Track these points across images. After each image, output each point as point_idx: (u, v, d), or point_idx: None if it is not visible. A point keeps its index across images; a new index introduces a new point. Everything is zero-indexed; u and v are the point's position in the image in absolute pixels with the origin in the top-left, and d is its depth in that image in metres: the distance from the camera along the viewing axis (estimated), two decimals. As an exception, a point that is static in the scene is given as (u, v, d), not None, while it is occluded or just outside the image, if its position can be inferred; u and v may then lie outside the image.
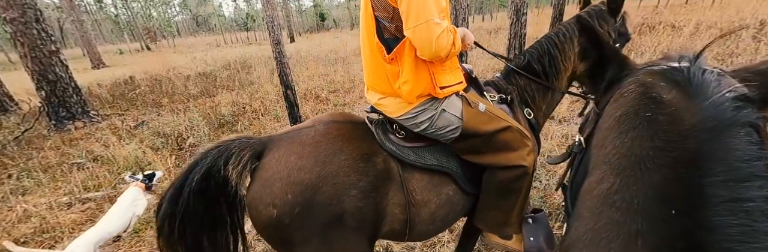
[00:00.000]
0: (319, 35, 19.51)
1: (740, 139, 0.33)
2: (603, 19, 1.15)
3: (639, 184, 0.35)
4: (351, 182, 0.86)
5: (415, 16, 0.79)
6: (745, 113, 0.34)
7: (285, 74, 2.64)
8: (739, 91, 0.37)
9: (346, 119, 1.00)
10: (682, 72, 0.40)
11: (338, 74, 5.60)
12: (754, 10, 5.27)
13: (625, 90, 0.45)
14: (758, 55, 3.57)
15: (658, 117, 0.38)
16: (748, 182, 0.30)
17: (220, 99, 4.76)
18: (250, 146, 0.88)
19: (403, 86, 0.89)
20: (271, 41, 2.46)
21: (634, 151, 0.38)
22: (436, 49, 0.81)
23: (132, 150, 2.76)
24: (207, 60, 9.40)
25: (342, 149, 0.88)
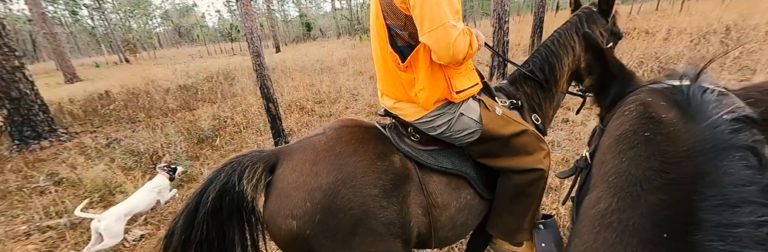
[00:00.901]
0: (306, 45, 19.62)
1: (735, 163, 0.33)
2: (595, 20, 1.18)
3: (635, 205, 0.35)
4: (370, 182, 0.84)
5: (429, 20, 0.78)
6: (742, 136, 0.34)
7: (266, 86, 2.58)
8: (738, 113, 0.36)
9: (356, 124, 1.00)
10: (683, 91, 0.40)
11: (324, 84, 5.56)
12: (718, 16, 5.61)
13: (627, 108, 0.45)
14: (727, 58, 3.76)
15: (656, 137, 0.38)
16: (739, 208, 0.30)
17: (200, 113, 4.63)
18: (263, 159, 0.87)
19: (420, 93, 0.89)
20: (251, 53, 2.42)
21: (632, 172, 0.38)
22: (453, 53, 0.80)
23: (100, 171, 2.60)
24: (189, 72, 9.22)
25: (356, 150, 0.88)
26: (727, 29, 4.81)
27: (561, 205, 1.79)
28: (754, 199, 0.30)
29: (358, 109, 4.28)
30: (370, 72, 6.43)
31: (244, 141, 3.42)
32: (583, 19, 1.17)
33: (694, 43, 4.46)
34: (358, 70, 6.90)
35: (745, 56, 3.78)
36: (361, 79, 6.14)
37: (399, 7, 0.83)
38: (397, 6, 0.83)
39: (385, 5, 0.86)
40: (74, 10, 17.87)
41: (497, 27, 4.87)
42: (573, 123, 2.97)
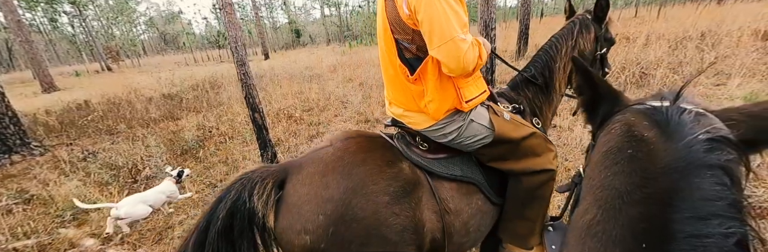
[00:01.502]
0: (295, 51, 19.62)
1: (707, 180, 0.35)
2: (589, 27, 1.23)
3: (617, 217, 0.38)
4: (381, 189, 0.84)
5: (439, 35, 0.78)
6: (715, 155, 0.37)
7: (252, 96, 2.54)
8: (713, 133, 0.38)
9: (361, 134, 1.01)
10: (662, 112, 0.43)
11: (313, 92, 5.54)
12: (693, 22, 5.89)
13: (613, 127, 0.48)
14: (703, 63, 3.92)
15: (637, 154, 0.41)
16: (709, 220, 0.33)
17: (184, 123, 4.52)
18: (272, 174, 0.87)
19: (430, 105, 0.91)
20: (236, 62, 2.38)
21: (615, 186, 0.41)
22: (464, 65, 0.81)
23: (74, 187, 2.48)
24: (173, 80, 9.05)
25: (365, 159, 0.88)
26: (702, 35, 5.04)
27: None
28: (722, 212, 0.33)
29: (347, 116, 4.25)
30: (360, 79, 6.45)
31: (230, 152, 3.34)
32: (579, 25, 1.22)
33: (672, 48, 4.65)
34: (347, 77, 6.91)
35: (720, 61, 3.96)
36: (351, 86, 6.14)
37: (406, 22, 0.83)
38: (405, 21, 0.84)
39: (392, 19, 0.86)
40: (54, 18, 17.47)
41: (484, 34, 4.98)
42: (560, 128, 3.02)
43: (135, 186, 2.74)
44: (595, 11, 1.23)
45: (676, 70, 3.83)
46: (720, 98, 3.08)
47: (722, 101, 3.01)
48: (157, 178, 2.82)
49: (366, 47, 14.81)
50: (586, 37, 1.22)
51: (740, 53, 3.98)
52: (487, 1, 4.85)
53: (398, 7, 0.83)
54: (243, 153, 3.26)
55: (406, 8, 0.81)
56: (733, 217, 0.33)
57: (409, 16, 0.81)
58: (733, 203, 0.34)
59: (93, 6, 19.61)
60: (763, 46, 4.17)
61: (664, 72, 3.72)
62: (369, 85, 5.75)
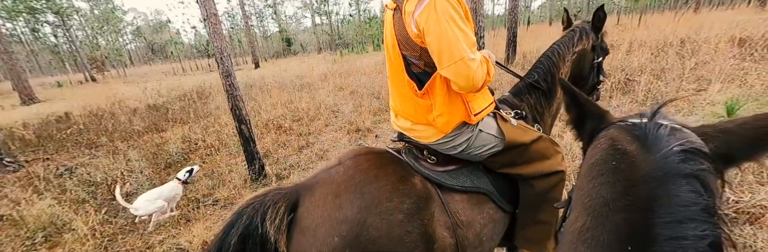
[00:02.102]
0: (286, 60, 19.67)
1: (682, 188, 0.39)
2: (588, 35, 1.29)
3: (604, 223, 0.42)
4: (395, 207, 0.84)
5: (448, 56, 0.79)
6: (688, 165, 0.40)
7: (238, 108, 2.50)
8: (686, 146, 0.42)
9: (369, 151, 1.01)
10: (642, 128, 0.48)
11: (303, 101, 5.51)
12: (673, 30, 6.15)
13: (599, 142, 0.52)
14: (685, 69, 4.06)
15: (621, 165, 0.45)
16: (685, 224, 0.37)
17: (169, 135, 4.42)
18: (284, 197, 0.86)
19: (439, 119, 0.91)
20: (221, 73, 2.35)
21: (602, 195, 0.44)
22: (473, 83, 0.82)
23: (47, 206, 2.36)
24: (160, 90, 8.92)
25: (377, 176, 0.88)
26: (682, 42, 5.25)
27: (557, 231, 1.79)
28: (696, 216, 0.37)
29: (338, 126, 4.23)
30: (351, 87, 6.46)
31: (216, 164, 3.26)
32: (579, 33, 1.27)
33: (654, 55, 4.82)
34: (338, 86, 6.92)
35: (700, 67, 4.11)
36: (342, 94, 6.14)
37: (415, 40, 0.84)
38: (413, 39, 0.84)
39: (399, 36, 0.87)
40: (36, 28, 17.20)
41: (472, 42, 5.09)
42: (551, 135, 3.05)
43: (114, 203, 2.63)
44: (594, 21, 1.29)
45: (659, 77, 3.96)
46: (702, 103, 3.18)
47: (704, 106, 3.11)
48: (136, 195, 2.72)
49: (357, 55, 14.95)
50: (586, 46, 1.27)
51: (719, 59, 4.14)
52: (474, 9, 4.98)
53: (406, 25, 0.83)
54: (229, 166, 3.18)
55: (414, 28, 0.81)
56: (706, 221, 0.37)
57: (417, 34, 0.82)
58: (705, 208, 0.37)
59: (78, 16, 19.42)
60: (739, 53, 4.36)
61: (648, 78, 3.84)
62: (360, 93, 5.76)
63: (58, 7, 16.09)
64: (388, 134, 3.74)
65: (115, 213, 2.47)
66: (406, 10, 0.81)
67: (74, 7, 18.95)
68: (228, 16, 25.57)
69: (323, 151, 3.41)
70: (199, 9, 2.14)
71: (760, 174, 1.91)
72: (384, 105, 4.90)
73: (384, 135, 3.75)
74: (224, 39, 2.29)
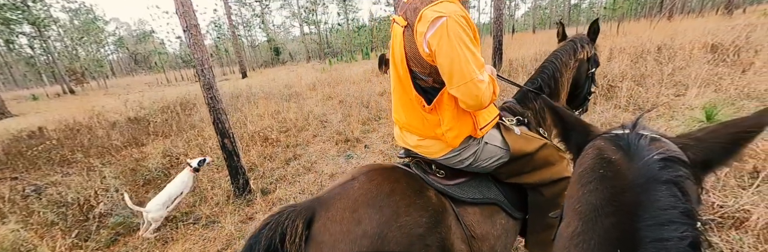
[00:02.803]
0: (274, 69, 19.62)
1: (662, 193, 0.42)
2: (585, 47, 1.37)
3: (594, 228, 0.44)
4: (414, 221, 0.84)
5: (458, 76, 0.82)
6: (667, 172, 0.44)
7: (221, 121, 2.44)
8: (665, 154, 0.46)
9: (380, 166, 1.02)
10: (624, 138, 0.52)
11: (291, 111, 5.46)
12: (649, 37, 6.45)
13: (586, 152, 0.56)
14: (663, 74, 4.23)
15: (607, 173, 0.48)
16: (667, 226, 0.40)
17: (150, 149, 4.27)
18: (300, 214, 0.85)
19: (448, 133, 0.93)
20: (203, 86, 2.31)
21: (591, 201, 0.47)
22: (480, 102, 0.86)
23: (10, 231, 2.21)
24: (143, 102, 8.70)
25: (393, 190, 0.89)
26: (659, 49, 5.49)
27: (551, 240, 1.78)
28: (676, 219, 0.40)
29: (326, 136, 4.18)
30: (340, 96, 6.46)
31: (199, 180, 3.14)
32: (578, 44, 1.36)
33: (633, 61, 5.02)
34: (327, 95, 6.90)
35: (677, 72, 4.29)
36: (330, 104, 6.12)
37: (425, 59, 0.86)
38: (424, 58, 0.86)
39: (409, 53, 0.89)
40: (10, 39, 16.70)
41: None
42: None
43: (86, 224, 2.48)
44: (589, 33, 1.37)
45: (640, 82, 4.10)
46: (681, 108, 3.29)
47: (684, 111, 3.22)
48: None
49: (346, 64, 15.06)
50: (589, 54, 1.36)
51: (694, 65, 4.34)
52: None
53: (418, 44, 0.85)
54: (212, 181, 3.08)
55: (426, 48, 0.83)
56: (685, 223, 0.40)
57: (428, 54, 0.84)
58: (684, 211, 0.41)
59: (56, 26, 19.01)
60: (712, 58, 4.59)
61: (629, 84, 3.97)
62: (348, 102, 5.75)
63: (35, 17, 15.73)
64: (377, 144, 3.72)
65: (86, 236, 2.33)
66: (418, 30, 0.83)
67: (52, 18, 18.57)
68: (214, 26, 25.51)
69: (311, 163, 3.35)
70: (179, 20, 2.12)
71: (742, 178, 1.96)
72: (373, 114, 4.89)
73: (373, 145, 3.72)
74: (206, 50, 2.25)
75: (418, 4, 0.85)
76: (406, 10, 0.89)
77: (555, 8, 29.60)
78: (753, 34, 5.34)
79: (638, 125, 0.53)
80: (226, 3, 15.72)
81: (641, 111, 3.40)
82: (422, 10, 0.81)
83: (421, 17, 0.81)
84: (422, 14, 0.81)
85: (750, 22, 7.04)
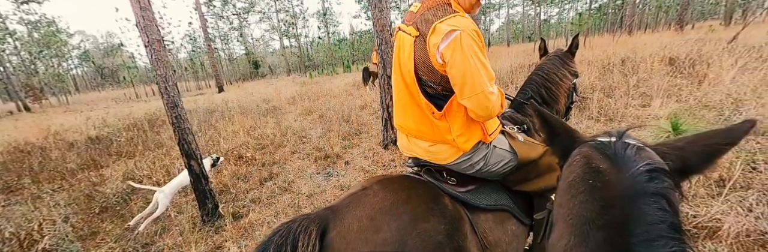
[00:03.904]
0: (253, 83, 19.32)
1: (651, 206, 0.43)
2: (567, 60, 1.45)
3: (587, 241, 0.44)
4: (433, 228, 0.83)
5: (470, 88, 0.85)
6: (654, 184, 0.45)
7: (187, 142, 2.30)
8: (651, 165, 0.47)
9: (391, 176, 1.01)
10: (610, 147, 0.53)
11: (269, 127, 5.31)
12: (613, 50, 6.95)
13: (574, 159, 0.56)
14: (629, 86, 4.51)
15: (597, 184, 0.48)
16: (657, 241, 0.40)
17: (110, 172, 3.97)
18: (313, 222, 0.82)
19: (458, 138, 0.96)
20: (166, 104, 2.18)
21: (582, 213, 0.47)
22: (489, 113, 0.90)
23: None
24: (107, 119, 8.23)
25: (410, 196, 0.88)
26: (623, 61, 5.90)
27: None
28: (665, 234, 0.41)
29: (306, 153, 4.07)
30: (320, 110, 6.39)
31: (163, 206, 2.91)
32: (563, 58, 1.45)
33: (601, 74, 5.34)
34: (307, 109, 6.81)
35: (642, 84, 4.59)
36: (310, 118, 6.03)
37: (437, 69, 0.89)
38: (436, 67, 0.89)
39: (419, 61, 0.91)
40: (-41, 54, 15.54)
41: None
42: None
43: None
44: (570, 47, 1.47)
45: (609, 94, 4.34)
46: (647, 118, 3.49)
47: (650, 120, 3.40)
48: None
49: (328, 77, 15.09)
50: (568, 66, 1.45)
51: (656, 77, 4.67)
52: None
53: (431, 55, 0.87)
54: (178, 206, 2.86)
55: (439, 58, 0.86)
56: (673, 237, 0.41)
57: (441, 64, 0.87)
58: (671, 225, 0.42)
59: (12, 39, 17.97)
60: (671, 70, 4.96)
61: (599, 96, 4.19)
62: (329, 117, 5.69)
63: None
64: (358, 160, 3.65)
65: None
66: (431, 41, 0.86)
67: (8, 31, 17.57)
68: (189, 39, 25.05)
69: (288, 183, 3.21)
70: (140, 35, 2.03)
71: (709, 186, 2.05)
72: (354, 128, 4.85)
73: (354, 161, 3.65)
74: (170, 66, 2.16)
75: (430, 17, 0.88)
76: (416, 21, 0.92)
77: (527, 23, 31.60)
78: (704, 48, 5.87)
79: (624, 134, 0.55)
80: (201, 16, 15.58)
81: (612, 121, 3.57)
82: (435, 23, 0.85)
83: (435, 30, 0.85)
84: (436, 27, 0.85)
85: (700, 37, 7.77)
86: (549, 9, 32.58)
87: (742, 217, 1.72)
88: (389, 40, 3.73)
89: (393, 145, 3.82)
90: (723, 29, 11.09)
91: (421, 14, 0.91)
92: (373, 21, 3.66)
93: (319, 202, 2.76)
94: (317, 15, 25.55)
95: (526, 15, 32.56)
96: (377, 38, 3.72)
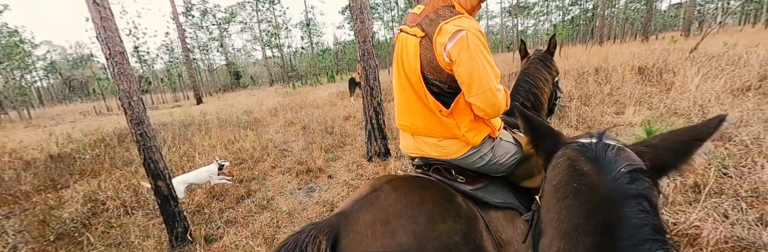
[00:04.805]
0: (234, 94, 18.90)
1: (634, 209, 0.44)
2: (549, 60, 1.49)
3: (577, 247, 0.45)
4: (451, 228, 0.82)
5: (477, 86, 0.88)
6: (636, 185, 0.46)
7: (153, 161, 2.15)
8: (631, 167, 0.48)
9: (401, 176, 0.99)
10: (592, 149, 0.53)
11: (248, 140, 5.13)
12: (587, 60, 7.31)
13: (558, 161, 0.57)
14: (603, 94, 4.71)
15: (582, 187, 0.49)
16: (642, 245, 0.41)
17: (70, 193, 3.67)
18: (323, 230, 0.79)
19: (468, 133, 0.99)
20: (130, 121, 2.04)
21: (570, 218, 0.48)
22: (496, 111, 0.92)
23: None
24: (73, 134, 7.74)
25: (423, 198, 0.86)
26: (597, 71, 6.19)
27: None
28: (649, 237, 0.41)
29: (287, 167, 3.93)
30: (303, 122, 6.27)
31: (126, 230, 2.69)
32: (544, 60, 1.48)
33: (577, 83, 5.56)
34: (289, 121, 6.68)
35: (615, 92, 4.81)
36: (293, 130, 5.90)
37: (444, 68, 0.91)
38: (442, 67, 0.91)
39: (425, 61, 0.94)
40: None
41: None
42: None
43: None
44: (549, 47, 1.52)
45: (585, 102, 4.50)
46: (622, 125, 3.62)
47: (625, 127, 3.53)
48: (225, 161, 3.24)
49: (311, 87, 14.99)
50: (549, 67, 1.50)
51: (627, 85, 4.91)
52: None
53: (437, 53, 0.90)
54: (145, 230, 2.65)
55: (446, 57, 0.89)
56: (657, 240, 0.42)
57: (448, 63, 0.90)
58: (654, 227, 0.43)
59: (-31, 51, 16.90)
60: (641, 79, 5.24)
61: (576, 104, 4.33)
62: (312, 128, 5.58)
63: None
64: (341, 174, 3.55)
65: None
66: (438, 41, 0.89)
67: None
68: (166, 49, 24.42)
69: (267, 200, 3.06)
70: (101, 47, 1.91)
71: (686, 193, 2.11)
72: (337, 140, 4.76)
73: (337, 175, 3.55)
74: (134, 80, 2.04)
75: (435, 18, 0.91)
76: (421, 22, 0.95)
77: (505, 34, 33.05)
78: (669, 57, 6.27)
79: (604, 135, 0.56)
80: (179, 26, 15.30)
81: (590, 129, 3.68)
82: (441, 24, 0.88)
83: (441, 30, 0.88)
84: (442, 28, 0.88)
85: (664, 47, 8.31)
86: (526, 20, 34.28)
87: (718, 223, 1.75)
88: (371, 51, 3.75)
89: (377, 158, 3.76)
90: (684, 40, 11.97)
91: (426, 16, 0.94)
92: (355, 32, 3.68)
93: (300, 220, 2.63)
94: (300, 25, 25.68)
95: (504, 26, 34.08)
96: (360, 49, 3.73)
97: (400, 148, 1.20)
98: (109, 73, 1.85)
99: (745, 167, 2.21)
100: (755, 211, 1.79)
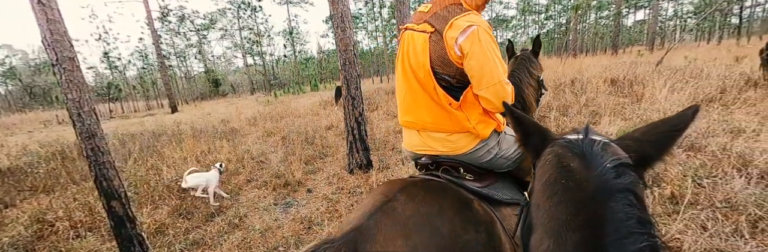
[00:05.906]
0: (212, 102, 18.29)
1: (620, 203, 0.45)
2: (533, 59, 1.49)
3: (566, 244, 0.46)
4: (472, 238, 0.80)
5: (487, 79, 0.92)
6: (621, 180, 0.47)
7: (107, 179, 1.94)
8: (616, 161, 0.49)
9: (410, 181, 0.96)
10: (578, 145, 0.54)
11: (223, 152, 4.88)
12: (563, 71, 7.61)
13: (546, 158, 0.57)
14: (580, 104, 4.86)
15: (569, 184, 0.50)
16: (628, 238, 0.43)
17: (16, 213, 3.29)
18: (340, 250, 0.72)
19: (477, 126, 1.01)
20: (79, 134, 1.83)
21: (558, 215, 0.49)
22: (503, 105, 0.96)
23: None
24: (29, 146, 7.12)
25: (442, 207, 0.84)
26: (572, 82, 6.44)
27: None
28: (634, 230, 0.43)
29: (263, 180, 3.73)
30: (283, 132, 6.07)
31: None
32: (528, 60, 1.49)
33: (555, 93, 5.74)
34: (268, 131, 6.46)
35: (590, 103, 4.98)
36: (272, 140, 5.69)
37: (455, 61, 0.94)
38: (453, 61, 0.94)
39: (435, 55, 0.96)
40: None
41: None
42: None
43: None
44: (534, 47, 1.55)
45: (563, 112, 4.63)
46: (601, 135, 3.71)
47: (604, 138, 3.62)
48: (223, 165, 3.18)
49: (294, 96, 14.75)
50: (535, 67, 1.52)
51: (601, 96, 5.10)
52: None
53: (448, 48, 0.93)
54: None
55: (458, 51, 0.92)
56: (643, 232, 0.42)
57: (459, 56, 0.93)
58: (639, 220, 0.43)
59: None
60: (613, 90, 5.48)
61: (555, 114, 4.44)
62: (291, 139, 5.40)
63: None
64: (321, 187, 3.40)
65: None
66: (448, 35, 0.92)
67: None
68: (140, 55, 23.48)
69: (239, 218, 2.86)
70: (48, 52, 1.73)
71: (664, 204, 2.13)
72: (318, 151, 4.61)
73: (317, 188, 3.40)
74: (85, 89, 1.86)
75: (445, 14, 0.95)
76: (429, 19, 0.98)
77: (485, 45, 34.32)
78: (637, 69, 6.63)
79: (590, 131, 0.57)
80: (154, 32, 14.80)
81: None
82: (452, 20, 0.92)
83: (452, 25, 0.92)
84: (453, 23, 0.92)
85: (632, 60, 8.81)
86: (504, 33, 35.83)
87: (698, 235, 1.76)
88: (353, 60, 3.70)
89: (359, 170, 3.64)
90: (649, 53, 12.82)
91: (434, 13, 0.98)
92: (336, 41, 3.64)
93: (275, 239, 2.45)
94: (283, 33, 25.56)
95: (484, 38, 35.41)
96: (341, 58, 3.68)
97: (402, 147, 1.19)
98: (56, 80, 1.67)
99: (717, 177, 2.28)
100: (731, 223, 1.82)
